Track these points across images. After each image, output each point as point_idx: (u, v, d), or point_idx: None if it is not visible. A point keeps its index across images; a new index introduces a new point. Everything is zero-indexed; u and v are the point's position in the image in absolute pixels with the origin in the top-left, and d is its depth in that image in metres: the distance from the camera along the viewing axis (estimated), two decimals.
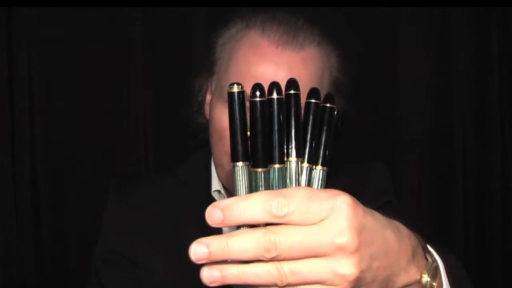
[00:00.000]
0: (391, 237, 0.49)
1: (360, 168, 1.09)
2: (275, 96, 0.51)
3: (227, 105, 0.95)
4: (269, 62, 0.92)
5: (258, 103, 0.50)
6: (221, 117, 0.93)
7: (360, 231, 0.45)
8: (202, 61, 1.06)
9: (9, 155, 1.38)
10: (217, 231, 0.48)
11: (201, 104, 1.09)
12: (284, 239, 0.43)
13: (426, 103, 1.46)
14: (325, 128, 0.56)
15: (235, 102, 0.51)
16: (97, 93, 1.42)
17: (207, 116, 1.06)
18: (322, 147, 0.55)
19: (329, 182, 1.06)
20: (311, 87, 0.98)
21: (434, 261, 0.56)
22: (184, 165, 1.09)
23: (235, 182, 0.50)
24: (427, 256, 0.56)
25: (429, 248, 0.59)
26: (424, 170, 1.46)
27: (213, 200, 0.97)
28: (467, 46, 1.44)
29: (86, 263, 1.09)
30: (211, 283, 0.45)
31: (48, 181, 1.41)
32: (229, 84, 0.50)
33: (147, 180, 1.10)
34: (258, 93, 0.51)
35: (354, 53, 1.42)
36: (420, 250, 0.55)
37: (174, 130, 1.42)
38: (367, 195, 1.01)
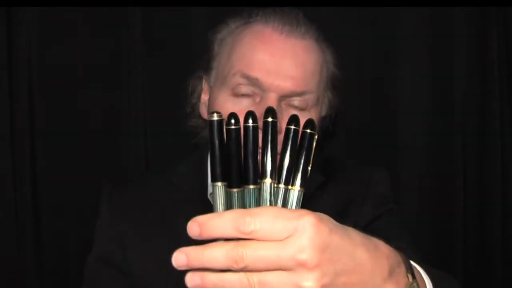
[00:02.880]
0: (363, 255, 0.52)
1: (362, 174, 1.09)
2: (250, 123, 0.57)
3: (231, 93, 0.98)
4: (275, 48, 0.95)
5: (233, 131, 0.57)
6: (225, 105, 0.96)
7: (322, 248, 0.49)
8: (198, 62, 1.07)
9: (9, 155, 1.38)
10: None
11: (194, 106, 1.11)
12: (250, 252, 0.49)
13: (426, 103, 1.46)
14: (304, 152, 0.60)
15: (214, 129, 0.57)
16: (97, 93, 1.42)
17: (204, 116, 1.06)
18: (300, 169, 0.59)
19: (331, 190, 1.05)
20: (314, 73, 0.98)
21: (414, 281, 0.59)
22: (178, 169, 1.09)
23: (214, 200, 0.58)
24: (408, 275, 0.59)
25: (417, 267, 0.64)
26: (424, 171, 1.46)
27: (209, 204, 0.97)
28: (467, 46, 1.44)
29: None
30: (193, 287, 0.51)
31: (48, 182, 1.41)
32: (209, 112, 0.57)
33: (140, 185, 1.10)
34: (232, 121, 0.57)
35: (354, 53, 1.43)
36: (401, 269, 0.58)
37: (174, 131, 1.43)
38: (370, 201, 1.05)
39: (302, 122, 0.60)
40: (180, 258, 0.50)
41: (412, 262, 0.62)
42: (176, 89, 1.41)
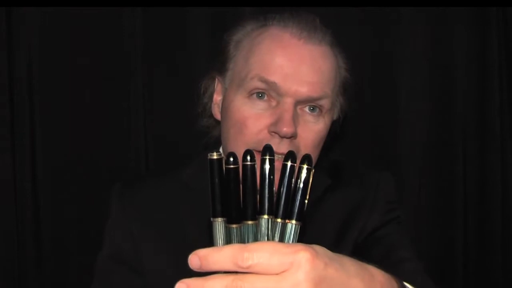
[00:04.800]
0: (358, 285, 0.55)
1: (368, 179, 1.10)
2: (248, 162, 0.60)
3: (247, 96, 0.98)
4: (293, 53, 0.96)
5: (232, 170, 0.60)
6: (241, 108, 0.97)
7: (318, 282, 0.52)
8: (209, 63, 1.07)
9: (9, 155, 1.38)
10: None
11: (205, 106, 1.12)
12: (248, 286, 0.51)
13: (426, 103, 1.46)
14: (301, 186, 0.62)
15: (214, 167, 0.60)
16: (97, 94, 1.42)
17: (216, 116, 1.07)
18: (297, 204, 0.61)
19: (338, 194, 1.07)
20: (330, 79, 1.00)
21: None
22: (189, 169, 1.10)
23: (214, 235, 0.61)
24: None
25: None
26: (424, 171, 1.47)
27: None
28: (467, 46, 1.44)
29: (86, 265, 1.09)
30: None
31: (48, 182, 1.41)
32: (208, 153, 0.59)
33: (150, 184, 1.11)
34: (231, 160, 0.60)
35: (354, 53, 1.43)
36: None
37: (174, 131, 1.43)
38: (379, 207, 1.06)
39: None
40: None
41: (406, 285, 0.65)
42: (177, 90, 1.42)
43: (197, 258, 0.53)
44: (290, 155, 0.63)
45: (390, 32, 1.45)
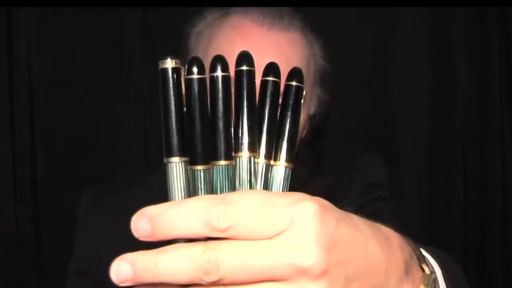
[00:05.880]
0: (376, 251, 0.38)
1: (348, 162, 0.99)
2: (219, 73, 0.40)
3: None
4: (256, 41, 0.83)
5: (196, 82, 0.39)
6: None
7: (330, 247, 0.34)
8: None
9: (9, 154, 1.35)
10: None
11: None
12: (228, 258, 0.33)
13: (426, 103, 1.40)
14: (289, 113, 0.42)
15: (168, 81, 0.40)
16: (97, 93, 1.38)
17: None
18: (286, 137, 0.42)
19: (317, 182, 0.87)
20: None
21: (433, 271, 0.46)
22: (157, 174, 0.99)
23: (169, 184, 0.41)
24: (424, 266, 0.45)
25: (424, 253, 0.49)
26: (423, 171, 1.45)
27: None
28: (467, 46, 1.43)
29: None
30: None
31: (48, 181, 1.38)
32: (159, 60, 0.38)
33: (120, 191, 0.99)
34: (195, 69, 0.40)
35: (354, 53, 1.43)
36: (414, 261, 0.44)
37: None
38: (355, 189, 0.91)
39: None
40: (123, 269, 0.35)
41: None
42: None
43: (145, 220, 0.35)
44: (272, 68, 0.43)
45: (390, 32, 1.42)
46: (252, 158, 0.40)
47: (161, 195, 0.98)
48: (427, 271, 0.45)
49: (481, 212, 1.44)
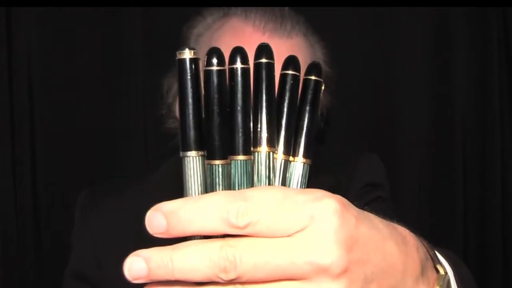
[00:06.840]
0: (393, 251, 0.38)
1: (347, 159, 0.98)
2: (239, 65, 0.39)
3: None
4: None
5: (215, 73, 0.38)
6: None
7: (350, 246, 0.34)
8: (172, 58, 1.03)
9: (9, 154, 1.34)
10: None
11: (170, 106, 0.98)
12: (246, 256, 0.32)
13: (426, 103, 1.40)
14: (307, 108, 0.42)
15: (186, 73, 0.38)
16: (97, 93, 1.38)
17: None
18: (304, 133, 0.42)
19: (316, 183, 0.94)
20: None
21: (446, 272, 0.45)
22: (154, 176, 0.98)
23: (185, 179, 0.39)
24: (438, 267, 0.45)
25: (437, 254, 0.48)
26: (424, 171, 1.43)
27: None
28: (467, 46, 1.43)
29: None
30: None
31: (48, 181, 1.37)
32: (177, 51, 0.38)
33: (118, 193, 0.98)
34: (215, 61, 0.38)
35: (354, 53, 1.43)
36: (429, 262, 0.44)
37: (174, 131, 1.42)
38: (354, 189, 0.90)
39: None
40: (137, 266, 0.34)
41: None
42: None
43: (161, 216, 0.34)
44: (292, 60, 0.42)
45: (389, 32, 1.42)
46: (271, 153, 0.40)
47: (161, 195, 0.97)
48: (441, 272, 0.45)
49: (481, 212, 1.44)
